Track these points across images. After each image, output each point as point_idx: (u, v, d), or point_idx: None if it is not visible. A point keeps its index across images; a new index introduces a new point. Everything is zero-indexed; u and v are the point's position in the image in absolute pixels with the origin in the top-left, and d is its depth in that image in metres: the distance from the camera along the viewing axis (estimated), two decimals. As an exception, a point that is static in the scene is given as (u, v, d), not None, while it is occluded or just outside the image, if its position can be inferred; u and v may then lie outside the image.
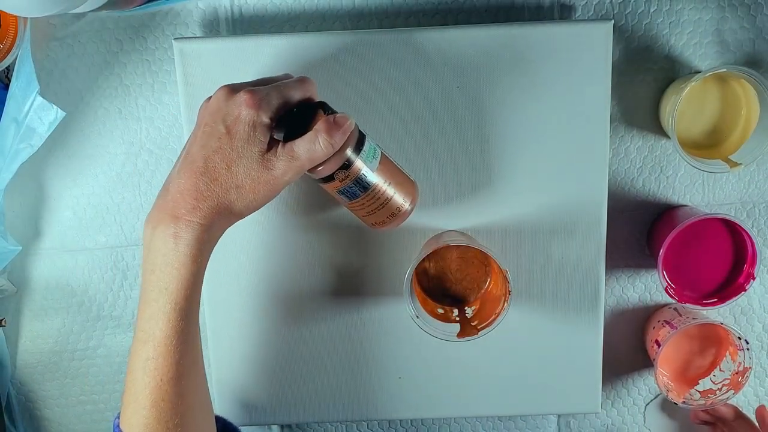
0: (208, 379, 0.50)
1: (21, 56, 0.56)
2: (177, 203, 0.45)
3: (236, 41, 0.56)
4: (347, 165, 0.48)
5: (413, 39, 0.55)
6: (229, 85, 0.47)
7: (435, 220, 0.58)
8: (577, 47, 0.55)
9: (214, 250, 0.47)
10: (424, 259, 0.53)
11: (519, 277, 0.58)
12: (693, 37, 0.59)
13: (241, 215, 0.47)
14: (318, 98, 0.49)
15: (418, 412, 0.63)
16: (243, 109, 0.45)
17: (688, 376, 0.63)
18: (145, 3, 0.57)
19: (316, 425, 0.68)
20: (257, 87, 0.46)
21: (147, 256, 0.46)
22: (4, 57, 0.57)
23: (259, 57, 0.55)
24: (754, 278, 0.58)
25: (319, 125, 0.46)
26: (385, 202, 0.52)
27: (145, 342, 0.45)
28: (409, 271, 0.52)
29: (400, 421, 0.67)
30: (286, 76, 0.50)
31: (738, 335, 0.58)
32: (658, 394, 0.66)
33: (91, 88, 0.61)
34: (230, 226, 0.48)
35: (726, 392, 0.60)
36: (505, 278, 0.52)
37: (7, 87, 0.58)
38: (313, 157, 0.46)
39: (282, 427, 0.68)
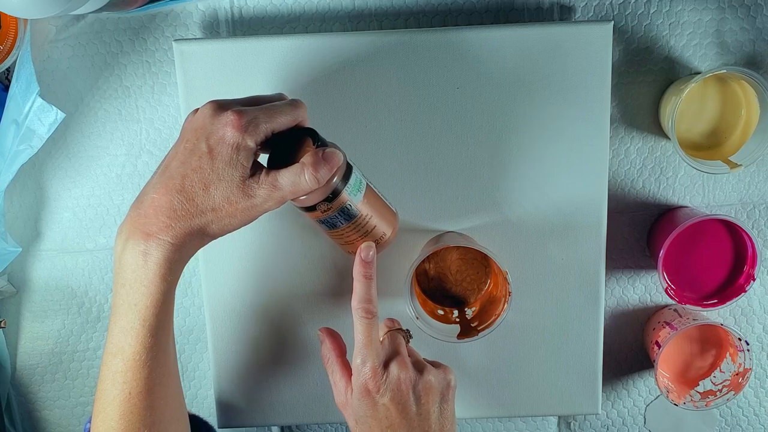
0: (208, 381, 0.50)
1: (21, 58, 0.56)
2: (149, 219, 0.44)
3: (236, 43, 0.56)
4: (331, 198, 0.47)
5: (413, 40, 0.55)
6: (217, 101, 0.45)
7: (435, 221, 0.58)
8: (576, 48, 0.55)
9: (213, 251, 0.46)
10: (424, 261, 0.53)
11: (519, 278, 0.58)
12: (693, 38, 0.59)
13: (215, 237, 0.46)
14: (308, 124, 0.48)
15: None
16: (228, 129, 0.43)
17: (688, 378, 0.63)
18: (145, 4, 0.57)
19: (316, 426, 0.68)
20: (246, 108, 0.45)
21: (118, 268, 0.45)
22: (5, 58, 0.57)
23: (259, 58, 0.55)
24: (754, 279, 0.58)
25: (307, 159, 0.45)
26: (365, 234, 0.50)
27: (115, 355, 0.45)
28: (409, 272, 0.52)
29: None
30: (279, 97, 0.48)
31: (738, 336, 0.58)
32: (659, 396, 0.66)
33: (91, 89, 0.61)
34: (204, 246, 0.46)
35: (726, 393, 0.59)
36: (505, 279, 0.52)
37: (7, 88, 0.58)
38: (296, 189, 0.45)
39: (282, 428, 0.68)
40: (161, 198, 0.44)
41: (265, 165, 0.46)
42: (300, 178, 0.44)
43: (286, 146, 0.46)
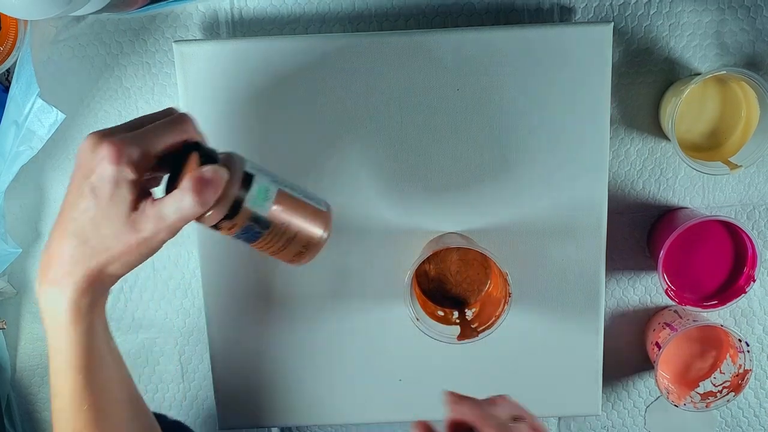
0: (208, 382, 0.50)
1: (21, 59, 0.56)
2: (51, 266, 0.43)
3: (236, 44, 0.56)
4: (231, 214, 0.43)
5: (413, 41, 0.55)
6: (96, 133, 0.42)
7: (435, 222, 0.58)
8: (577, 49, 0.55)
9: (213, 252, 0.46)
10: (424, 262, 0.53)
11: (519, 279, 0.58)
12: (693, 40, 0.59)
13: (120, 275, 0.44)
14: (198, 137, 0.44)
15: (418, 414, 0.63)
16: (105, 164, 0.40)
17: (688, 379, 0.63)
18: (145, 6, 0.57)
19: (316, 428, 0.68)
20: (124, 135, 0.42)
21: (40, 310, 0.44)
22: (5, 59, 0.57)
23: (259, 59, 0.55)
24: (754, 280, 0.58)
25: (186, 183, 0.41)
26: (290, 239, 0.46)
27: (55, 396, 0.45)
28: (409, 274, 0.52)
29: (401, 423, 0.67)
30: (166, 113, 0.45)
31: (738, 337, 0.58)
32: (659, 396, 0.66)
33: (92, 90, 0.61)
34: (114, 284, 0.45)
35: (726, 394, 0.59)
36: (506, 280, 0.52)
37: (7, 89, 0.58)
38: (183, 216, 0.41)
39: (282, 429, 0.68)
40: (58, 244, 0.43)
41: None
42: (183, 204, 0.41)
43: (177, 166, 0.43)
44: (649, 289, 0.64)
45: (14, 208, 0.63)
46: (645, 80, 0.60)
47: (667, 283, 0.59)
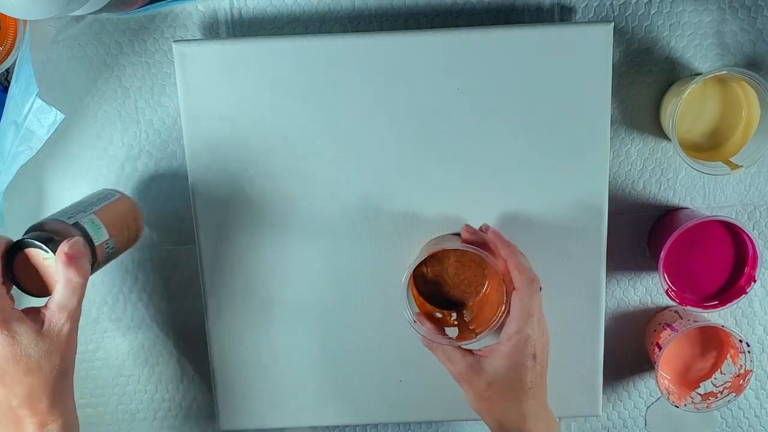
0: (208, 382, 0.50)
1: (21, 59, 0.55)
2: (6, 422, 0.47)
3: (236, 44, 0.56)
4: (94, 258, 0.51)
5: (413, 41, 0.55)
6: None
7: (435, 222, 0.58)
8: (577, 49, 0.55)
9: (213, 252, 0.46)
10: (421, 264, 0.53)
11: (519, 279, 0.58)
12: (693, 39, 0.59)
13: (65, 382, 0.49)
14: (6, 240, 0.49)
15: (418, 415, 0.63)
16: None
17: (689, 379, 0.63)
18: (144, 6, 0.57)
19: (317, 429, 0.67)
20: None
21: None
22: (4, 59, 0.57)
23: (259, 59, 0.55)
24: (755, 281, 0.58)
25: (60, 268, 0.47)
26: (127, 233, 0.55)
27: None
28: (405, 275, 0.52)
29: (401, 424, 0.67)
30: None
31: (739, 338, 0.58)
32: (659, 397, 0.66)
33: (91, 90, 0.61)
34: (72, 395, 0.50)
35: (727, 395, 0.59)
36: (503, 281, 0.51)
37: (7, 90, 0.58)
38: (77, 292, 0.47)
39: (282, 430, 0.67)
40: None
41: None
42: (73, 284, 0.47)
43: (21, 273, 0.48)
44: (649, 289, 0.64)
45: (13, 208, 0.62)
46: (645, 80, 0.60)
47: (667, 284, 0.59)
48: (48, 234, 0.49)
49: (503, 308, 0.52)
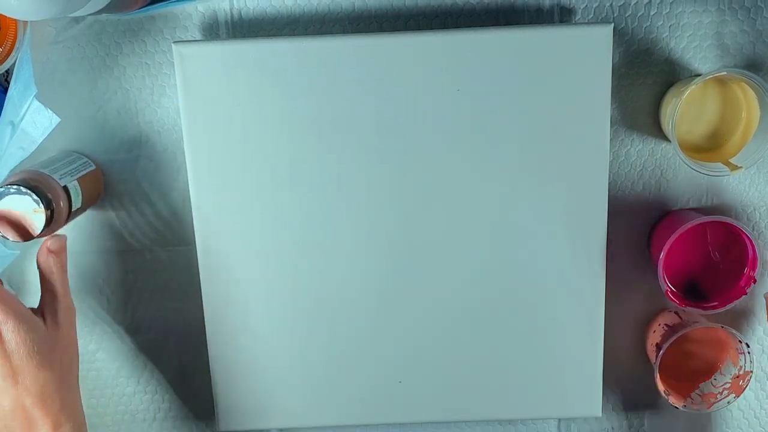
0: (208, 382, 0.50)
1: (20, 59, 0.55)
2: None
3: (236, 44, 0.56)
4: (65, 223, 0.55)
5: (413, 42, 0.55)
6: None
7: (433, 222, 0.58)
8: (577, 50, 0.55)
9: (213, 252, 0.46)
10: None
11: (519, 280, 0.58)
12: (693, 40, 0.59)
13: (71, 381, 0.51)
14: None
15: (418, 416, 0.63)
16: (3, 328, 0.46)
17: (688, 380, 0.62)
18: (144, 6, 0.57)
19: (316, 429, 0.67)
20: None
21: None
22: (4, 60, 0.57)
23: (259, 60, 0.55)
24: (754, 282, 0.58)
25: (47, 265, 0.50)
26: (88, 208, 0.60)
27: None
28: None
29: (401, 425, 0.67)
30: None
31: (739, 339, 0.58)
32: (659, 398, 0.66)
33: (91, 91, 0.61)
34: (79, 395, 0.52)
35: (727, 396, 0.59)
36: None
37: (6, 90, 0.58)
38: (63, 285, 0.51)
39: (281, 431, 0.67)
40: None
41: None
42: (58, 285, 0.51)
43: None
44: (649, 290, 0.64)
45: (13, 209, 0.62)
46: (645, 81, 0.60)
47: (667, 285, 0.59)
48: (35, 184, 0.51)
49: None
